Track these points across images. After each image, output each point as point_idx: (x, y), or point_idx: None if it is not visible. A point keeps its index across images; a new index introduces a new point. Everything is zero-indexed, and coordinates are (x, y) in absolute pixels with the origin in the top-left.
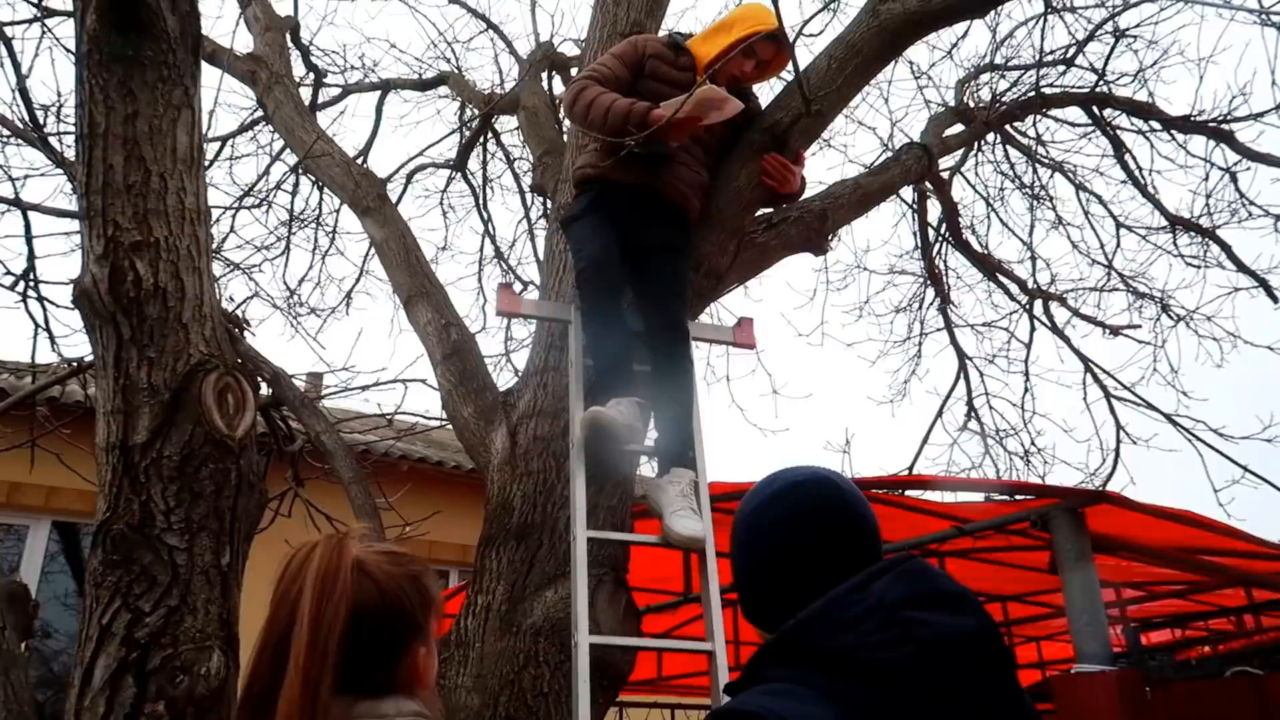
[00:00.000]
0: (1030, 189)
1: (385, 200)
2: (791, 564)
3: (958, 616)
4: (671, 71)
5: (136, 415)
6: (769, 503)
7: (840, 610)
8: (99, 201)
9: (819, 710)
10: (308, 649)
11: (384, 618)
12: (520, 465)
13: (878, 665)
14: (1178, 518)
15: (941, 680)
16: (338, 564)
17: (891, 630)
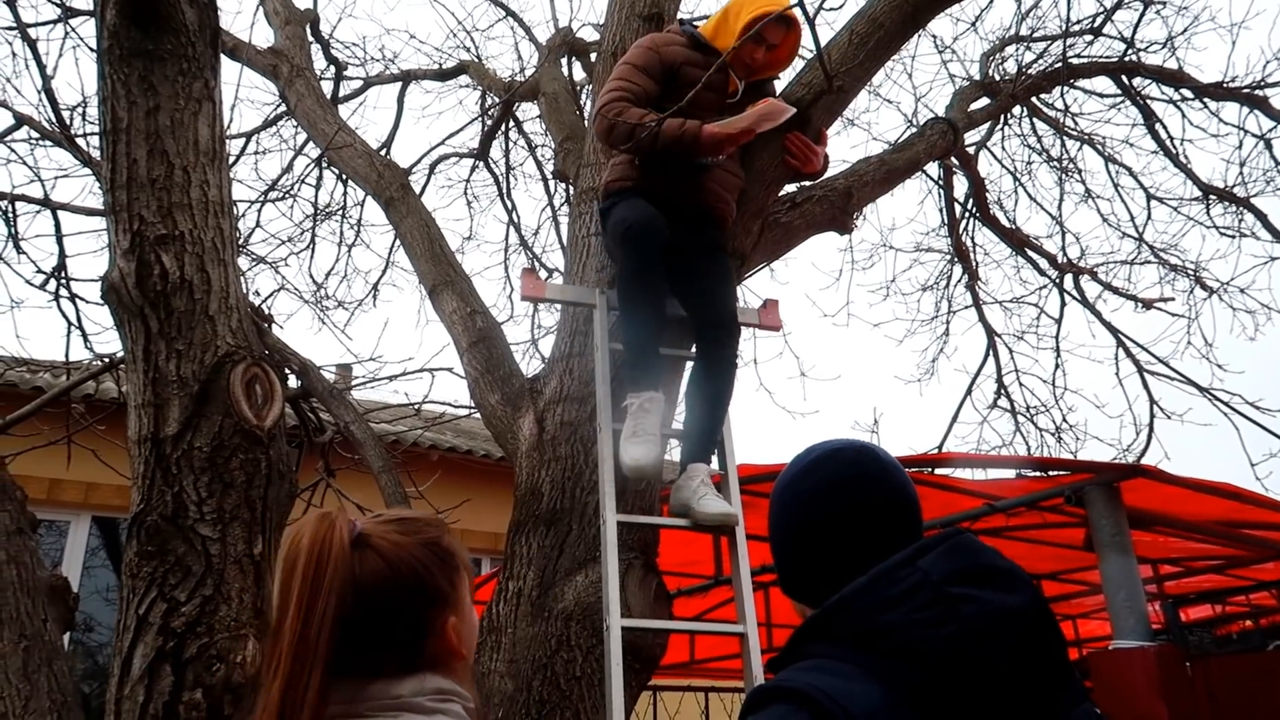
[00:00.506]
0: (1058, 162)
1: (408, 190)
2: (830, 534)
3: (1006, 593)
4: (695, 73)
5: (167, 408)
6: (806, 472)
7: (886, 586)
8: (124, 196)
9: (864, 688)
10: (294, 633)
11: (396, 592)
12: (548, 451)
13: (924, 642)
14: (1216, 490)
15: (988, 657)
16: (328, 540)
17: (938, 607)
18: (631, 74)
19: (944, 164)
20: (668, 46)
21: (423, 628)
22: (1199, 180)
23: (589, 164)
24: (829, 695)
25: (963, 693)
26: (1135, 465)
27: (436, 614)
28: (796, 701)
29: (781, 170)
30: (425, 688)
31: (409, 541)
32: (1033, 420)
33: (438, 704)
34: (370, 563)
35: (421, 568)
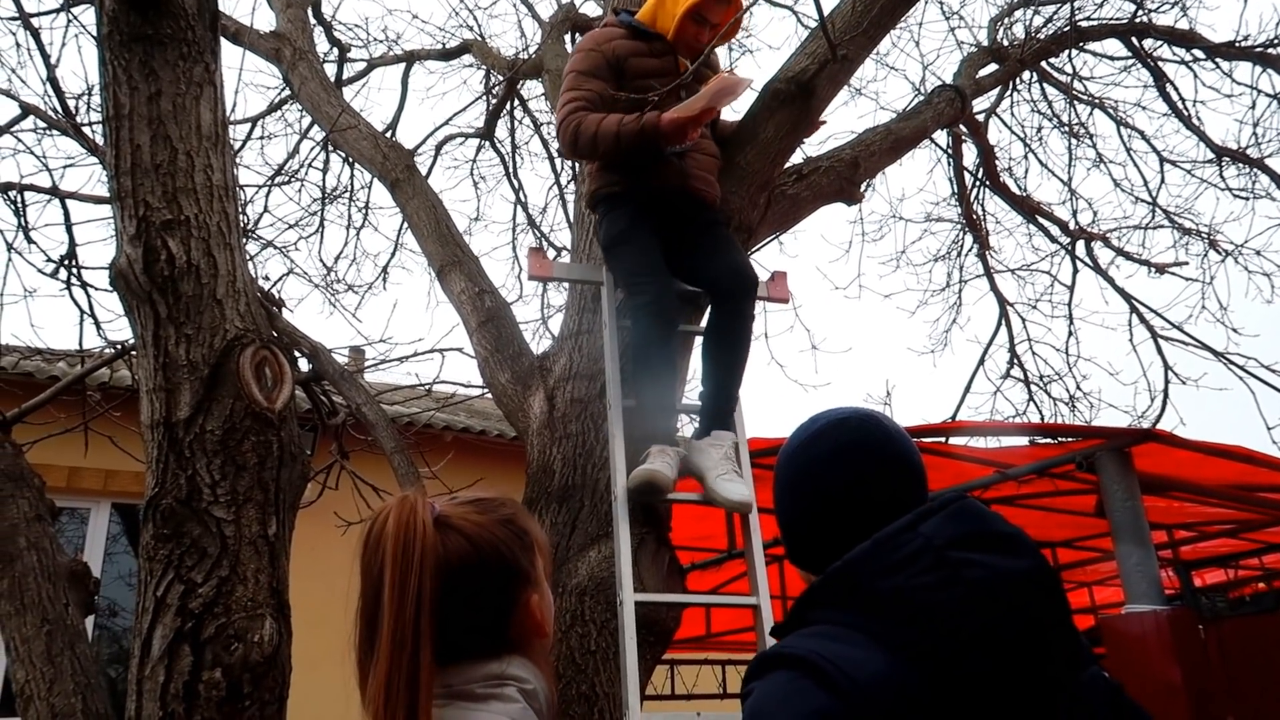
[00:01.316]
0: (1069, 127)
1: (414, 171)
2: (835, 501)
3: (1009, 557)
4: (652, 62)
5: (178, 392)
6: (812, 440)
7: (889, 551)
8: (128, 182)
9: (867, 654)
10: (394, 618)
11: (483, 571)
12: (559, 428)
13: (927, 607)
14: (1229, 454)
15: (993, 622)
16: (413, 521)
17: (941, 571)
18: (580, 81)
19: (953, 132)
20: (608, 42)
21: (508, 606)
22: (1212, 142)
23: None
24: (832, 662)
25: (967, 657)
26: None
27: (520, 591)
28: (800, 669)
29: (787, 142)
30: (478, 674)
31: (488, 520)
32: (1046, 389)
33: (489, 690)
34: (454, 543)
35: (504, 546)
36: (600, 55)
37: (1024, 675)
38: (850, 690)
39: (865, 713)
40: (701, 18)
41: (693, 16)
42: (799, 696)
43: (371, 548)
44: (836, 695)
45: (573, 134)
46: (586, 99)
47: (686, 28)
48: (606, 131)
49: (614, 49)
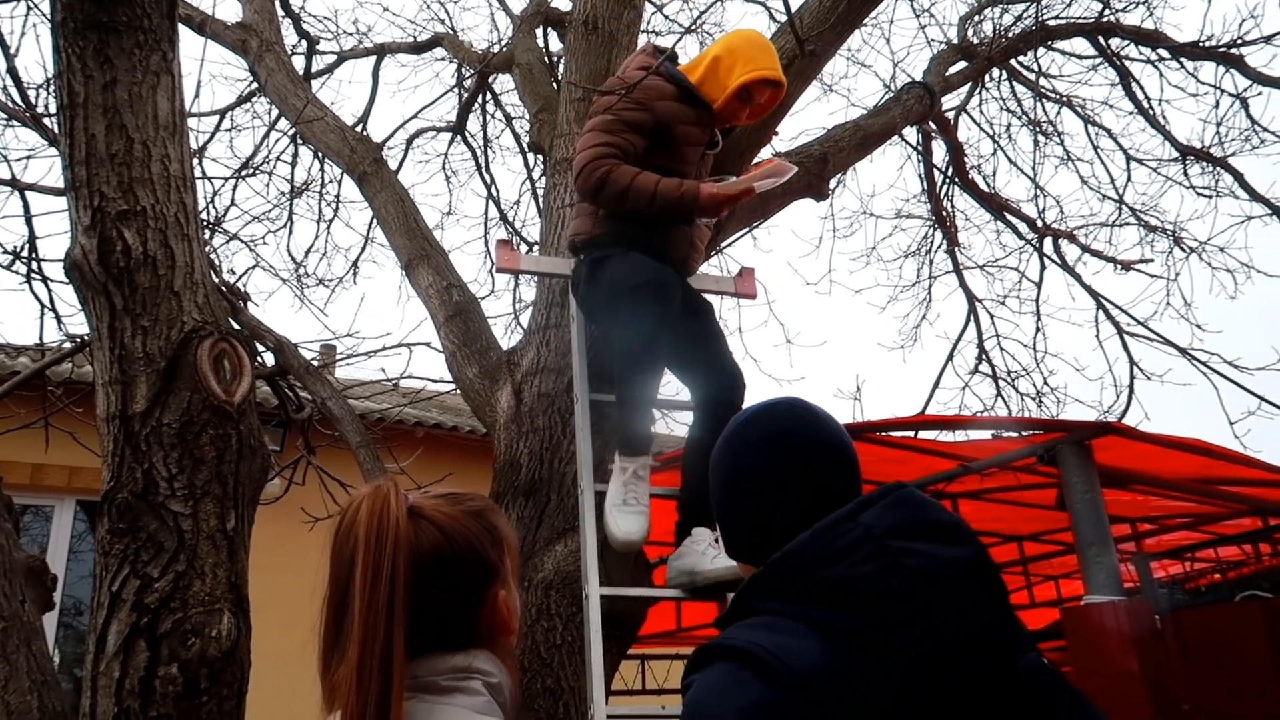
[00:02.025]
0: (1037, 125)
1: (382, 164)
2: (766, 490)
3: (949, 546)
4: (694, 131)
5: (134, 385)
6: (741, 428)
7: (829, 541)
8: (83, 172)
9: (809, 644)
10: (366, 605)
11: (454, 564)
12: (526, 423)
13: (867, 596)
14: (1187, 447)
15: (932, 610)
16: (386, 509)
17: (881, 560)
18: (618, 128)
19: (923, 129)
20: (661, 101)
21: (477, 601)
22: (1176, 141)
23: (563, 134)
24: (771, 652)
25: (907, 645)
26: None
27: (488, 587)
28: (740, 660)
29: (755, 137)
30: (443, 666)
31: (460, 513)
32: (1014, 385)
33: (453, 682)
34: (426, 534)
35: (475, 540)
36: (649, 115)
37: (963, 663)
38: (790, 680)
39: (805, 702)
40: (749, 95)
41: (740, 94)
42: (738, 688)
43: (343, 535)
44: (776, 686)
45: (599, 180)
46: (621, 149)
47: (732, 102)
48: (642, 189)
49: (665, 111)
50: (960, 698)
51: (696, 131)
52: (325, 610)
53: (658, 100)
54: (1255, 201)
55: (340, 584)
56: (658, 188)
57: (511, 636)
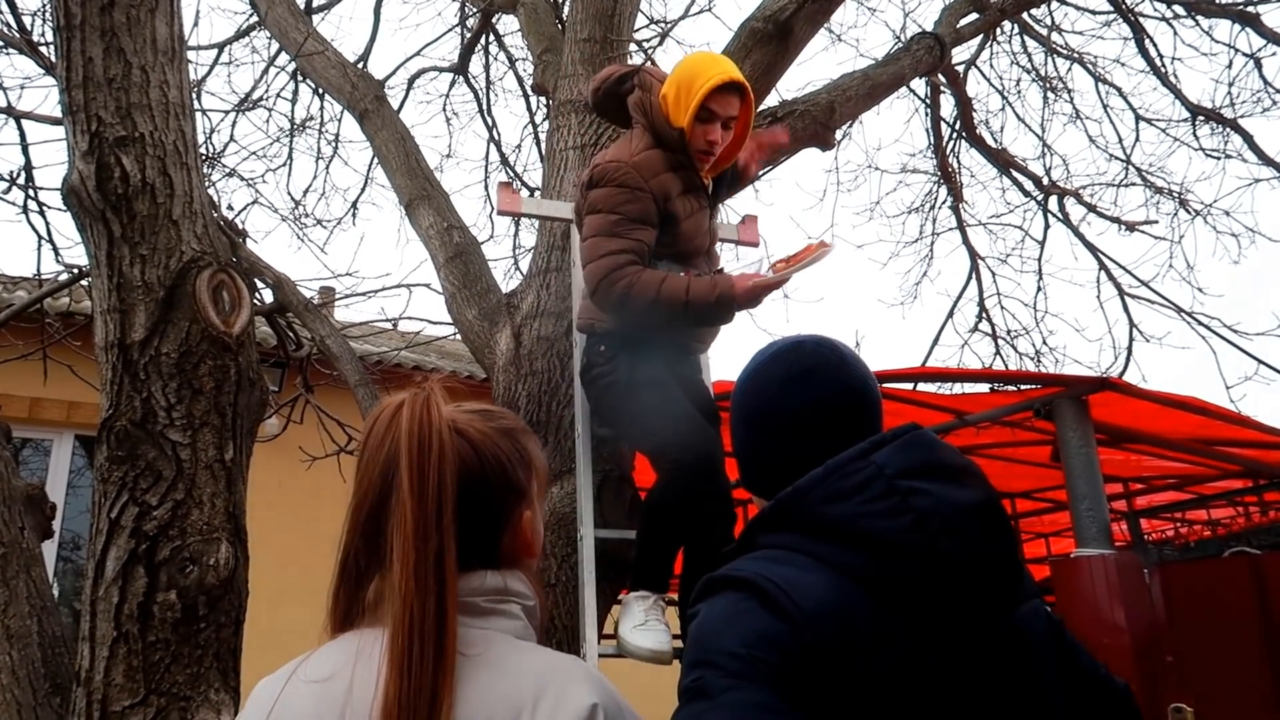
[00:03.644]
0: (1047, 81)
1: (383, 102)
2: (789, 424)
3: (959, 488)
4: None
5: (132, 313)
6: (767, 364)
7: (840, 479)
8: (80, 96)
9: (815, 577)
10: (416, 512)
11: (485, 481)
12: (525, 365)
13: (876, 534)
14: (1184, 405)
15: (940, 551)
16: (430, 419)
17: (891, 499)
18: (630, 228)
19: (931, 82)
20: (655, 177)
21: (503, 520)
22: (1187, 100)
23: (567, 75)
24: (778, 585)
25: (914, 585)
26: (1104, 379)
27: (516, 507)
28: (746, 590)
29: (762, 83)
30: (482, 586)
31: (492, 430)
32: (1013, 344)
33: (494, 604)
34: (463, 448)
35: (505, 458)
36: (650, 200)
37: (968, 605)
38: (795, 614)
39: (810, 636)
40: (709, 112)
41: (699, 115)
42: (745, 618)
43: (377, 442)
44: (782, 618)
45: (621, 295)
46: (637, 252)
47: (694, 131)
48: (672, 295)
49: (661, 185)
50: (961, 639)
51: (691, 202)
52: (353, 522)
53: (653, 177)
54: (1264, 164)
55: (376, 493)
56: (690, 293)
57: (534, 559)
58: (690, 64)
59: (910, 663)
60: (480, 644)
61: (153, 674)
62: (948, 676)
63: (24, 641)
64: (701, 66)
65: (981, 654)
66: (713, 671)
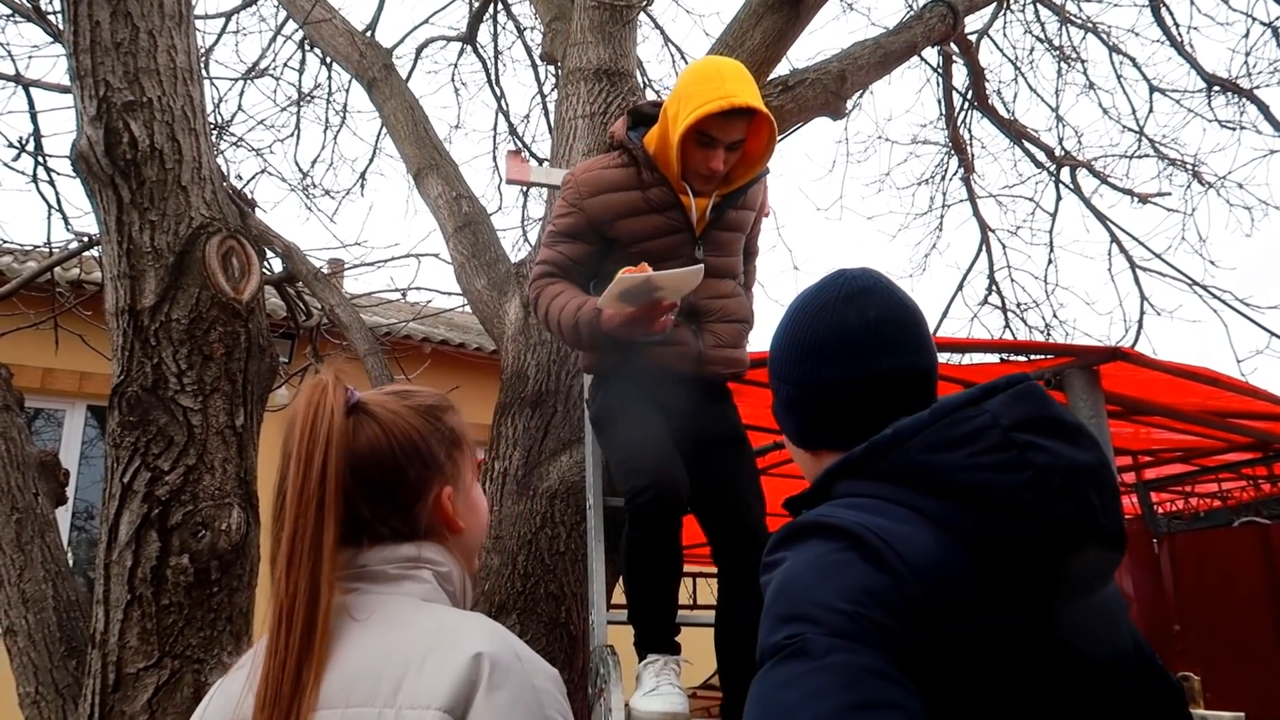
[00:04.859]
0: (1060, 51)
1: (391, 71)
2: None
3: (1074, 447)
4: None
5: (142, 279)
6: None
7: (949, 425)
8: (88, 60)
9: (913, 530)
10: (297, 495)
11: (391, 458)
12: (534, 334)
13: (989, 487)
14: (1196, 376)
15: (1056, 512)
16: (322, 401)
17: (1008, 451)
18: (557, 240)
19: (943, 51)
20: (596, 196)
21: (416, 495)
22: (1203, 70)
23: (576, 43)
24: (880, 536)
25: (1025, 547)
26: (1115, 349)
27: (431, 482)
28: (843, 540)
29: (773, 50)
30: (391, 555)
31: (404, 408)
32: (1022, 317)
33: (404, 571)
34: (366, 429)
35: (417, 435)
36: (581, 216)
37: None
38: (900, 569)
39: (916, 592)
40: (710, 138)
41: (696, 139)
42: (843, 569)
43: (287, 429)
44: (886, 572)
45: (532, 303)
46: (557, 265)
47: (691, 155)
48: (564, 321)
49: (599, 209)
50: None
51: (655, 221)
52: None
53: (590, 195)
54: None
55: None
56: (561, 315)
57: (460, 535)
58: (690, 79)
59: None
60: (377, 608)
61: (166, 637)
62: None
63: (40, 606)
64: (700, 86)
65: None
66: (813, 628)
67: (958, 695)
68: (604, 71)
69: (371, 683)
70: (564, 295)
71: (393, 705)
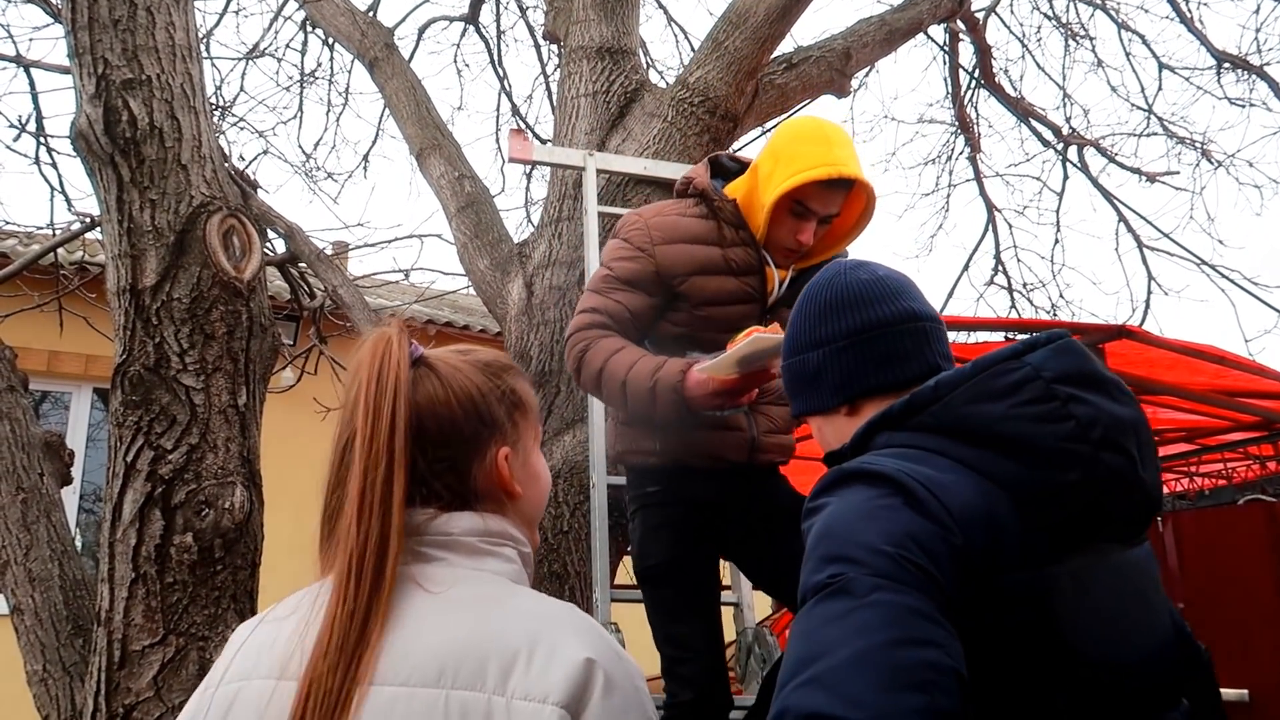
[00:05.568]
0: (1069, 28)
1: (393, 50)
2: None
3: (1114, 402)
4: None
5: (143, 258)
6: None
7: (991, 377)
8: (86, 38)
9: (956, 480)
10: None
11: (451, 414)
12: (537, 315)
13: (1031, 439)
14: (1201, 354)
15: (1097, 464)
16: (389, 351)
17: (1050, 403)
18: (613, 290)
19: (950, 29)
20: (672, 244)
21: (472, 452)
22: (1213, 47)
23: (579, 21)
24: (924, 484)
25: (1068, 497)
26: (1121, 327)
27: (489, 440)
28: (887, 486)
29: (778, 26)
30: (478, 527)
31: (465, 363)
32: (1029, 297)
33: (491, 546)
34: (426, 383)
35: (477, 391)
36: (650, 262)
37: (1115, 526)
38: (944, 518)
39: (959, 540)
40: (804, 209)
41: (790, 206)
42: (887, 514)
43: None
44: (931, 520)
45: (577, 357)
46: (611, 315)
47: (780, 223)
48: (632, 382)
49: (673, 259)
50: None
51: (731, 285)
52: (331, 460)
53: (664, 243)
54: None
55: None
56: (629, 374)
57: (517, 501)
58: (792, 137)
59: (1049, 583)
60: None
61: (171, 614)
62: (1081, 601)
63: (46, 584)
64: (803, 146)
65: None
66: (855, 568)
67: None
68: (607, 50)
69: (476, 665)
70: (628, 351)
71: (503, 694)
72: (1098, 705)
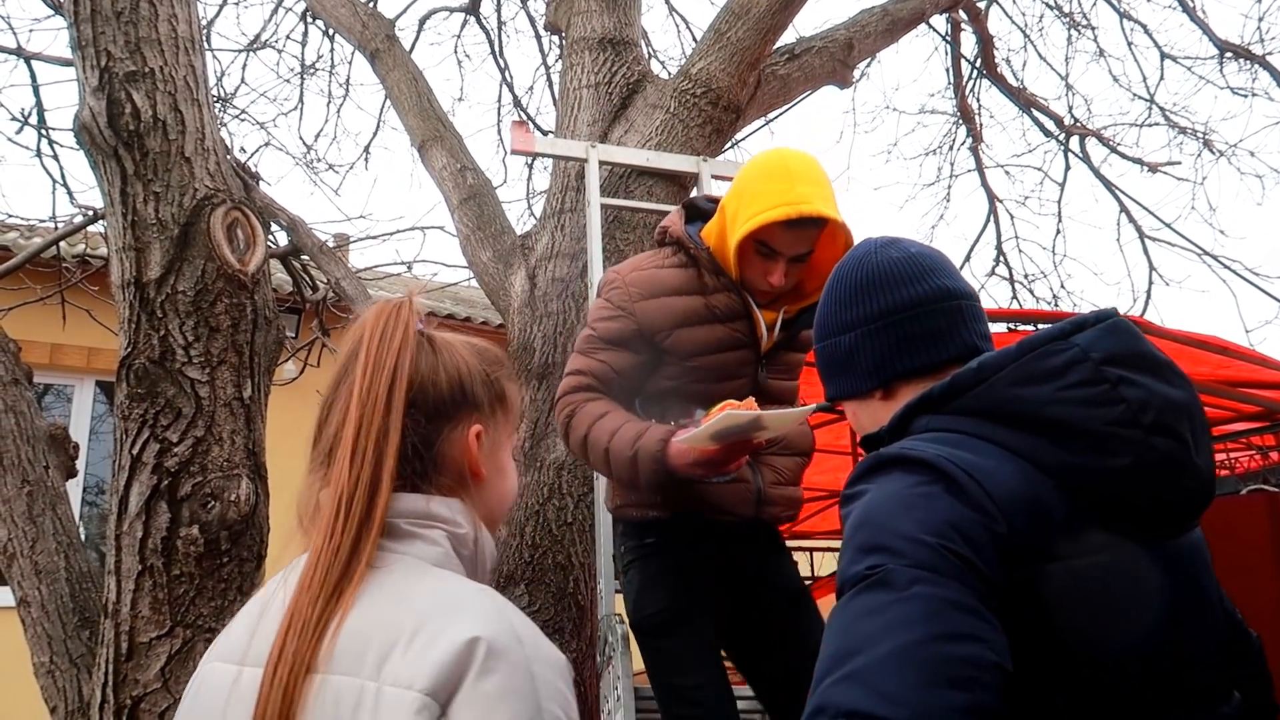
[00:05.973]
0: (1070, 17)
1: (394, 41)
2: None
3: (1166, 384)
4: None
5: (147, 251)
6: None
7: (1038, 359)
8: (89, 30)
9: (999, 465)
10: (365, 394)
11: (436, 384)
12: (540, 307)
13: (1079, 422)
14: (1203, 344)
15: (1148, 449)
16: (395, 313)
17: (1099, 386)
18: (597, 350)
19: (952, 19)
20: (651, 299)
21: (445, 423)
22: (1215, 37)
23: (580, 11)
24: (965, 470)
25: (1117, 482)
26: None
27: (466, 415)
28: (927, 472)
29: (780, 17)
30: (415, 509)
31: (462, 343)
32: (1030, 288)
33: (415, 528)
34: (426, 354)
35: (465, 369)
36: (629, 322)
37: (1166, 512)
38: (986, 505)
39: (1003, 528)
40: (770, 250)
41: (755, 247)
42: (928, 502)
43: (351, 336)
44: (971, 506)
45: (564, 421)
46: (597, 377)
47: (748, 265)
48: (614, 451)
49: (655, 311)
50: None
51: (719, 333)
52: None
53: (643, 299)
54: None
55: (338, 377)
56: (611, 441)
57: (484, 488)
58: (754, 174)
59: (1097, 570)
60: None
61: (178, 606)
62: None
63: (52, 577)
64: (765, 184)
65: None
66: (895, 559)
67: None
68: (609, 41)
69: (359, 652)
70: (611, 417)
71: (375, 679)
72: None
